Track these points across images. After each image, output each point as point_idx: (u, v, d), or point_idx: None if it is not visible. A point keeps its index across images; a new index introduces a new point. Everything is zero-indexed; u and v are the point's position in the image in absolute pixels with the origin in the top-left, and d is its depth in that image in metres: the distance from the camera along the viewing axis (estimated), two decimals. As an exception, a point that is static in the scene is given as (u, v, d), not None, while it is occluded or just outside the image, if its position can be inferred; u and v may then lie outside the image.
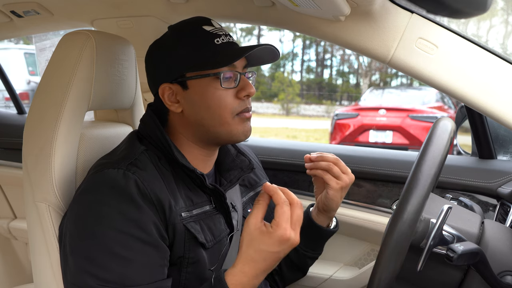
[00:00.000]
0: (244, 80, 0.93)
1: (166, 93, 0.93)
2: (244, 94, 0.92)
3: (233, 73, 0.91)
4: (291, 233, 0.78)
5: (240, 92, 0.92)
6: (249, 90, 0.92)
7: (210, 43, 0.91)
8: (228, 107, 0.91)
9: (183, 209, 0.87)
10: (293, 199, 0.81)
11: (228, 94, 0.91)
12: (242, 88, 0.92)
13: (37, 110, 0.97)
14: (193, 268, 0.87)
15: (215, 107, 0.90)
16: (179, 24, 0.96)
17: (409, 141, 6.01)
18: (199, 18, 0.95)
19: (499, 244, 0.80)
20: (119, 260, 0.78)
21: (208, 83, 0.90)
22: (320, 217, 1.11)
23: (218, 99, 0.90)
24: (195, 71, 0.90)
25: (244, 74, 0.94)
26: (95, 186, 0.84)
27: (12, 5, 1.34)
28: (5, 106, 5.97)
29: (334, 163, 1.04)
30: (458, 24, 9.18)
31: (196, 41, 0.91)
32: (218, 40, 0.91)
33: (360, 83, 20.87)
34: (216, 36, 0.92)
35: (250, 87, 0.93)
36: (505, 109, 0.95)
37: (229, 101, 0.91)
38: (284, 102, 19.03)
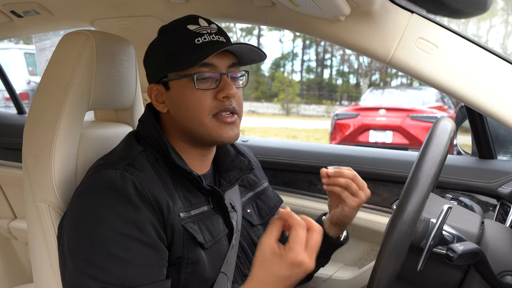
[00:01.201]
0: (224, 81, 0.90)
1: (153, 93, 0.95)
2: (222, 95, 0.89)
3: (212, 73, 0.90)
4: (304, 257, 0.72)
5: (219, 93, 0.89)
6: (227, 91, 0.89)
7: (190, 43, 0.89)
8: (205, 108, 0.89)
9: (181, 209, 0.87)
10: (312, 224, 0.77)
11: (206, 95, 0.89)
12: (221, 89, 0.89)
13: (37, 110, 0.97)
14: (192, 269, 0.87)
15: (192, 108, 0.90)
16: (167, 24, 0.96)
17: (409, 141, 6.01)
18: (188, 17, 0.94)
19: (499, 244, 0.80)
20: (118, 261, 0.78)
21: (185, 84, 0.90)
22: (333, 229, 1.09)
23: (195, 100, 0.89)
24: (174, 72, 0.90)
25: (227, 74, 0.91)
26: (93, 187, 0.84)
27: (12, 5, 1.34)
28: (5, 106, 5.97)
29: (352, 179, 1.01)
30: (458, 24, 9.18)
31: (177, 41, 0.91)
32: (199, 39, 0.89)
33: (360, 83, 20.88)
34: (198, 35, 0.90)
35: (229, 88, 0.89)
36: (505, 109, 0.95)
37: (207, 103, 0.89)
38: (284, 102, 19.03)
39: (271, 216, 1.12)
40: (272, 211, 1.13)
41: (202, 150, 0.97)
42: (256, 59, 0.98)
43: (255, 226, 1.07)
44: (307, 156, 1.60)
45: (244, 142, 1.75)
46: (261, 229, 1.08)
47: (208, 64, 0.89)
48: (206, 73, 0.89)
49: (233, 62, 0.93)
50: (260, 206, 1.11)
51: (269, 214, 1.12)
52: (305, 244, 0.74)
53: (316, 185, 1.60)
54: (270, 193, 1.16)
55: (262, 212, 1.10)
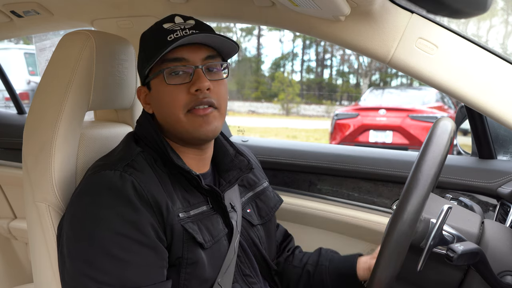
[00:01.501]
0: (197, 74, 0.89)
1: (142, 96, 0.97)
2: (194, 89, 0.88)
3: (184, 67, 0.89)
4: None
5: (191, 87, 0.88)
6: (199, 84, 0.87)
7: (162, 40, 0.89)
8: (178, 103, 0.89)
9: (180, 210, 0.87)
10: None
11: (179, 90, 0.89)
12: (193, 83, 0.88)
13: (37, 110, 0.97)
14: (192, 269, 0.87)
15: (166, 105, 0.90)
16: (149, 27, 0.96)
17: (409, 141, 6.01)
18: (166, 17, 0.94)
19: (499, 244, 0.80)
20: (118, 262, 0.78)
21: (159, 81, 0.91)
22: (365, 273, 1.08)
23: (168, 96, 0.90)
24: (148, 70, 0.91)
25: (201, 68, 0.89)
26: (92, 188, 0.84)
27: (12, 5, 1.34)
28: (5, 106, 5.97)
29: None
30: (458, 24, 9.19)
31: (152, 41, 0.91)
32: (171, 36, 0.89)
33: (360, 83, 20.88)
34: (171, 32, 0.89)
35: (201, 81, 0.87)
36: (505, 109, 0.95)
37: (180, 97, 0.89)
38: (284, 102, 19.03)
39: (271, 216, 1.12)
40: (272, 211, 1.13)
41: (195, 150, 0.97)
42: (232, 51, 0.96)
43: (255, 226, 1.07)
44: (307, 156, 1.60)
45: (244, 142, 1.75)
46: (260, 229, 1.08)
47: (179, 58, 0.89)
48: (178, 67, 0.89)
49: (210, 55, 0.92)
50: (260, 206, 1.11)
51: (269, 214, 1.12)
52: None
53: (316, 185, 1.60)
54: (270, 193, 1.16)
55: (262, 212, 1.10)
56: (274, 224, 1.15)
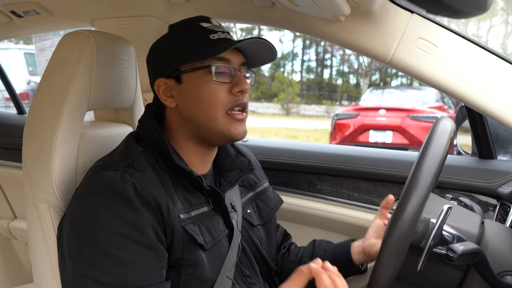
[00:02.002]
0: (238, 76, 0.92)
1: (161, 88, 0.94)
2: (237, 90, 0.90)
3: (227, 68, 0.91)
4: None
5: (234, 88, 0.91)
6: (242, 86, 0.91)
7: (204, 37, 0.91)
8: (219, 102, 0.90)
9: (181, 210, 0.87)
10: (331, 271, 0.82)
11: (221, 89, 0.90)
12: (235, 84, 0.91)
13: (37, 110, 0.97)
14: (192, 270, 0.87)
15: (206, 101, 0.90)
16: (178, 22, 0.97)
17: (409, 141, 6.01)
18: (198, 16, 0.95)
19: (499, 244, 0.80)
20: (117, 262, 0.78)
21: (200, 76, 0.90)
22: (360, 257, 1.10)
23: (210, 92, 0.90)
24: (190, 64, 0.91)
25: (239, 71, 0.93)
26: (92, 188, 0.84)
27: (12, 5, 1.34)
28: (5, 106, 5.97)
29: None
30: (458, 24, 9.19)
31: (192, 36, 0.92)
32: (214, 35, 0.91)
33: (360, 83, 20.87)
34: (212, 32, 0.92)
35: (244, 83, 0.91)
36: (505, 109, 0.95)
37: (221, 96, 0.90)
38: (284, 102, 19.03)
39: (271, 217, 1.12)
40: (272, 211, 1.13)
41: (205, 149, 0.97)
42: (266, 59, 0.98)
43: (255, 227, 1.07)
44: (307, 156, 1.60)
45: (244, 142, 1.75)
46: (261, 229, 1.08)
47: (224, 58, 0.90)
48: (222, 67, 0.90)
49: (243, 61, 0.95)
50: (260, 206, 1.11)
51: (269, 214, 1.12)
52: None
53: (316, 185, 1.60)
54: (271, 193, 1.16)
55: (262, 213, 1.10)
56: (274, 225, 1.15)
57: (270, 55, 0.97)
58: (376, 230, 1.10)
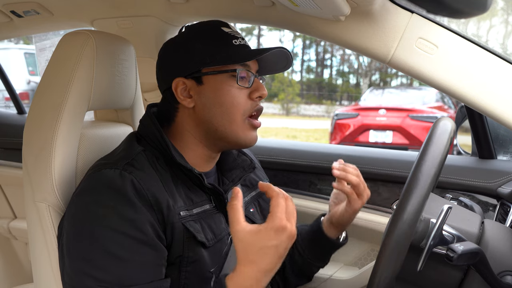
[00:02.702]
0: (257, 82, 0.95)
1: (180, 87, 0.93)
2: (257, 95, 0.93)
3: (247, 73, 0.93)
4: (287, 223, 0.76)
5: (253, 93, 0.93)
6: (262, 92, 0.94)
7: (228, 42, 0.93)
8: (240, 106, 0.92)
9: (182, 208, 0.87)
10: (285, 194, 0.82)
11: (241, 94, 0.92)
12: (255, 89, 0.94)
13: (37, 110, 0.97)
14: (192, 268, 0.87)
15: (228, 105, 0.91)
16: (196, 24, 0.99)
17: (409, 141, 6.01)
18: (217, 21, 0.97)
19: (499, 244, 0.80)
20: (116, 260, 0.78)
21: (223, 80, 0.91)
22: (332, 230, 1.11)
23: (231, 96, 0.91)
24: (212, 67, 0.91)
25: (257, 77, 0.96)
26: (92, 186, 0.84)
27: (12, 5, 1.34)
28: (5, 106, 5.97)
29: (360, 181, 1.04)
30: (458, 24, 9.17)
31: (215, 39, 0.93)
32: (236, 41, 0.94)
33: (360, 83, 20.87)
34: (234, 37, 0.94)
35: (263, 89, 0.94)
36: (505, 109, 0.95)
37: (242, 101, 0.92)
38: (284, 102, 19.03)
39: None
40: None
41: (212, 152, 0.98)
42: (278, 69, 1.01)
43: (258, 226, 1.07)
44: (307, 156, 1.60)
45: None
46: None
47: (246, 64, 0.93)
48: (243, 72, 0.92)
49: (258, 69, 0.98)
50: (262, 206, 1.11)
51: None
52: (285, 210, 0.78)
53: (316, 185, 1.60)
54: (272, 193, 1.16)
55: (264, 212, 1.11)
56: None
57: (284, 65, 0.99)
58: (336, 196, 1.12)
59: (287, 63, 0.98)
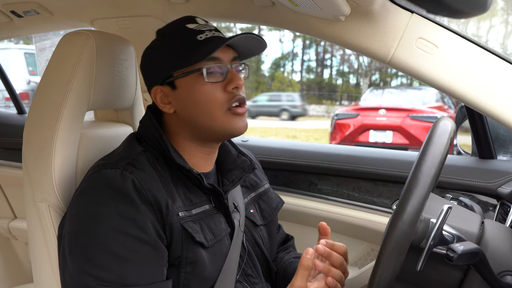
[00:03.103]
0: (231, 72, 0.92)
1: (158, 96, 0.95)
2: (231, 87, 0.91)
3: (219, 66, 0.91)
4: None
5: (228, 85, 0.91)
6: (236, 82, 0.91)
7: (192, 40, 0.91)
8: (217, 101, 0.91)
9: (181, 208, 0.87)
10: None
11: (215, 88, 0.91)
12: (229, 81, 0.91)
13: (37, 110, 0.97)
14: (192, 268, 0.87)
15: (204, 103, 0.90)
16: (164, 27, 0.97)
17: (409, 141, 6.01)
18: (184, 18, 0.95)
19: (499, 244, 0.80)
20: (118, 259, 0.78)
21: (193, 79, 0.91)
22: None
23: (205, 94, 0.90)
24: (180, 70, 0.91)
25: (232, 67, 0.93)
26: (93, 186, 0.84)
27: (12, 5, 1.34)
28: (5, 106, 5.97)
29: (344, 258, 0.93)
30: (458, 24, 9.18)
31: (178, 40, 0.92)
32: (201, 36, 0.91)
33: (360, 83, 20.88)
34: (199, 32, 0.92)
35: (238, 79, 0.91)
36: (505, 109, 0.95)
37: (218, 95, 0.91)
38: (284, 102, 19.00)
39: (273, 217, 1.13)
40: (274, 212, 1.13)
41: (207, 149, 0.97)
42: (256, 51, 0.99)
43: (258, 227, 1.07)
44: (307, 156, 1.60)
45: (244, 142, 1.75)
46: (263, 229, 1.09)
47: (214, 58, 0.91)
48: (214, 66, 0.90)
49: (234, 56, 0.95)
50: (262, 207, 1.11)
51: (271, 215, 1.12)
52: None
53: (316, 185, 1.60)
54: (272, 194, 1.16)
55: (264, 213, 1.11)
56: (275, 226, 1.15)
57: (259, 47, 0.97)
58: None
59: (260, 43, 0.96)
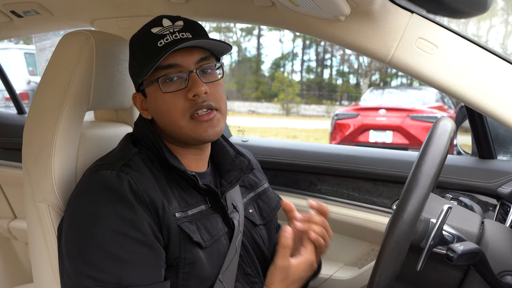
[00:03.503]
0: (191, 79, 0.87)
1: (138, 102, 0.97)
2: (191, 95, 0.86)
3: (178, 73, 0.88)
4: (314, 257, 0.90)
5: (188, 93, 0.87)
6: (195, 89, 0.86)
7: (153, 46, 0.87)
8: (177, 110, 0.87)
9: (177, 209, 0.87)
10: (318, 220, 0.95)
11: (176, 97, 0.87)
12: (189, 89, 0.87)
13: (37, 110, 0.97)
14: (190, 269, 0.87)
15: (165, 112, 0.89)
16: (137, 32, 0.95)
17: (409, 141, 6.01)
18: (153, 20, 0.92)
19: (499, 244, 0.80)
20: (115, 260, 0.78)
21: (155, 89, 0.90)
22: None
23: (166, 104, 0.88)
24: (144, 79, 0.90)
25: (195, 71, 0.88)
26: (89, 188, 0.84)
27: (12, 5, 1.34)
28: (5, 106, 5.97)
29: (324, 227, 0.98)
30: (458, 24, 9.17)
31: (142, 47, 0.90)
32: (162, 41, 0.87)
33: (360, 83, 20.87)
34: (160, 37, 0.87)
35: (197, 86, 0.86)
36: (505, 109, 0.95)
37: (178, 104, 0.87)
38: (284, 102, 19.02)
39: (272, 217, 1.13)
40: (273, 211, 1.13)
41: (194, 150, 0.97)
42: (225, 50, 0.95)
43: (258, 226, 1.07)
44: (307, 156, 1.60)
45: (244, 142, 1.75)
46: (263, 229, 1.09)
47: (173, 65, 0.87)
48: (172, 74, 0.87)
49: (202, 57, 0.90)
50: (261, 206, 1.11)
51: (270, 214, 1.12)
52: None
53: (316, 185, 1.60)
54: (271, 193, 1.16)
55: (263, 213, 1.10)
56: (275, 225, 1.15)
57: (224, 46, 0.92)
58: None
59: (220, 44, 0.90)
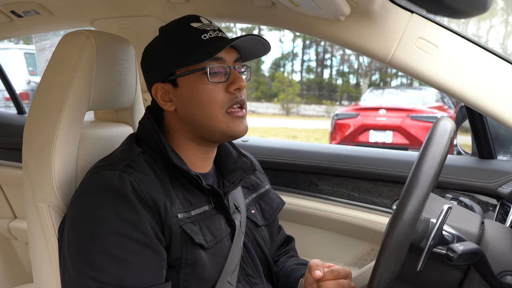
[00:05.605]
0: (233, 74, 0.92)
1: (159, 93, 0.94)
2: (234, 88, 0.91)
3: (222, 67, 0.91)
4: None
5: (230, 86, 0.91)
6: (239, 83, 0.91)
7: (196, 39, 0.91)
8: (217, 102, 0.90)
9: (179, 210, 0.87)
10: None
11: (217, 89, 0.91)
12: (232, 82, 0.91)
13: (37, 110, 0.97)
14: (191, 270, 0.87)
15: (205, 103, 0.90)
16: (168, 24, 0.97)
17: (409, 141, 6.01)
18: (187, 16, 0.95)
19: (499, 244, 0.80)
20: (117, 261, 0.78)
21: (196, 79, 0.90)
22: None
23: (207, 94, 0.90)
24: (185, 68, 0.91)
25: (235, 68, 0.93)
26: (91, 188, 0.84)
27: (12, 5, 1.34)
28: (5, 106, 5.97)
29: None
30: (458, 24, 9.18)
31: (183, 38, 0.92)
32: (205, 35, 0.91)
33: (360, 83, 20.87)
34: (203, 31, 0.92)
35: (240, 80, 0.91)
36: (505, 109, 0.95)
37: (219, 96, 0.90)
38: (284, 102, 19.02)
39: (274, 218, 1.13)
40: (275, 212, 1.13)
41: (206, 148, 0.97)
42: (259, 53, 0.98)
43: (260, 227, 1.07)
44: (307, 156, 1.60)
45: (244, 142, 1.75)
46: (265, 229, 1.09)
47: (218, 58, 0.91)
48: (217, 66, 0.90)
49: (237, 57, 0.95)
50: (263, 207, 1.11)
51: (272, 215, 1.12)
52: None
53: (316, 185, 1.60)
54: (273, 194, 1.16)
55: (265, 214, 1.11)
56: (276, 226, 1.16)
57: (263, 49, 0.97)
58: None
59: (264, 45, 0.96)
